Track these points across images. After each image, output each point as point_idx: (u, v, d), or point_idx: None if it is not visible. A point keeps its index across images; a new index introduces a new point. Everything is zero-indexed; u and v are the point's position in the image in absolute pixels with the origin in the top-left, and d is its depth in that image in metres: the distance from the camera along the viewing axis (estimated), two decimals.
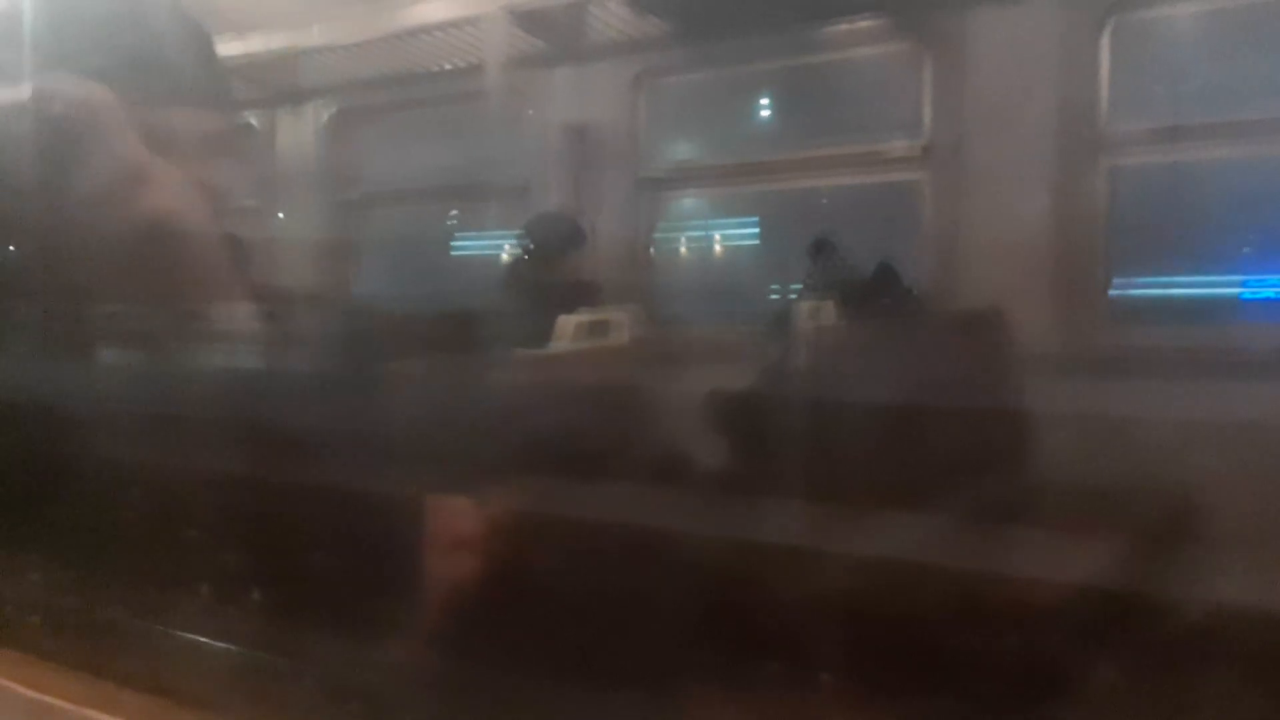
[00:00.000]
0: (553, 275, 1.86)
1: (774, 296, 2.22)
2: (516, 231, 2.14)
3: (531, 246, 1.93)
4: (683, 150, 2.28)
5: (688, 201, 2.35)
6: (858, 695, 0.78)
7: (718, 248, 2.50)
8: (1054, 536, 1.08)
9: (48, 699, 0.87)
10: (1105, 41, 1.86)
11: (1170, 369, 1.58)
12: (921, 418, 1.38)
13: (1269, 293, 1.75)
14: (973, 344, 1.62)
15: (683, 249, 2.45)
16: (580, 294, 1.81)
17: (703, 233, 2.43)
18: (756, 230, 2.37)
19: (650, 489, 1.16)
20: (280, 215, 2.63)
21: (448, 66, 2.43)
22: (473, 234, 2.70)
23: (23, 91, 0.44)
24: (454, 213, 2.68)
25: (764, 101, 2.27)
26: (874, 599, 0.84)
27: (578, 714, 0.76)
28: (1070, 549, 1.00)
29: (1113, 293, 1.83)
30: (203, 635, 0.82)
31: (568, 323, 1.40)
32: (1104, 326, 1.80)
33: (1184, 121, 1.80)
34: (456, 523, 0.84)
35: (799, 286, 2.05)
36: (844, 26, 2.11)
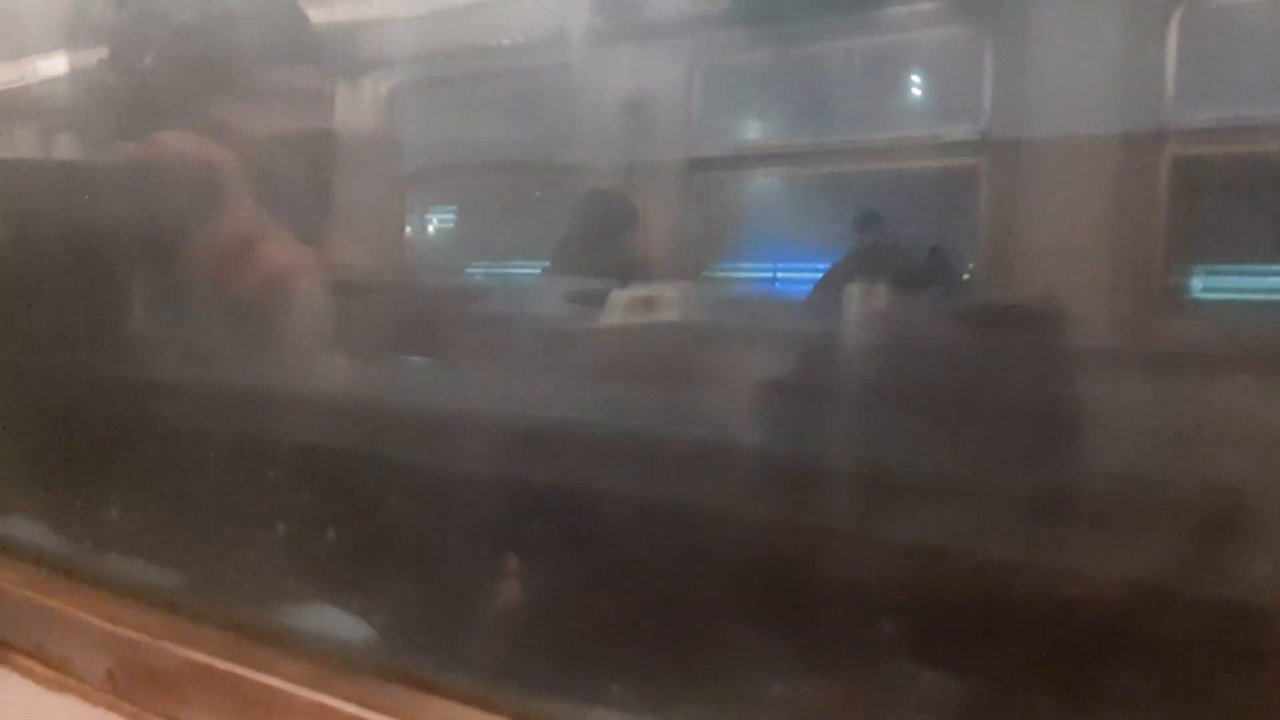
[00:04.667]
0: (603, 255, 1.86)
1: (818, 277, 2.21)
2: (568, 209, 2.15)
3: (582, 225, 1.94)
4: (738, 131, 2.27)
5: (744, 183, 2.35)
6: None
7: (768, 226, 2.49)
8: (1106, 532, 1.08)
9: (128, 633, 0.90)
10: (1174, 28, 1.83)
11: (1233, 365, 1.56)
12: (975, 408, 1.37)
13: None
14: (1029, 335, 1.60)
15: (730, 229, 2.45)
16: (631, 272, 1.81)
17: (751, 214, 2.42)
18: (802, 209, 2.36)
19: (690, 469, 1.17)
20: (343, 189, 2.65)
21: (506, 41, 2.44)
22: (527, 211, 2.72)
23: (148, 149, 0.46)
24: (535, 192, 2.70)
25: (821, 83, 2.25)
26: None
27: None
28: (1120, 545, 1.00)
29: (1173, 285, 1.80)
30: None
31: (619, 298, 1.41)
32: (1165, 320, 1.78)
33: (1254, 112, 1.76)
34: None
35: (839, 264, 2.04)
36: (904, 8, 2.09)
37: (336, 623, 0.73)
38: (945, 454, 1.35)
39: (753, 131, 2.28)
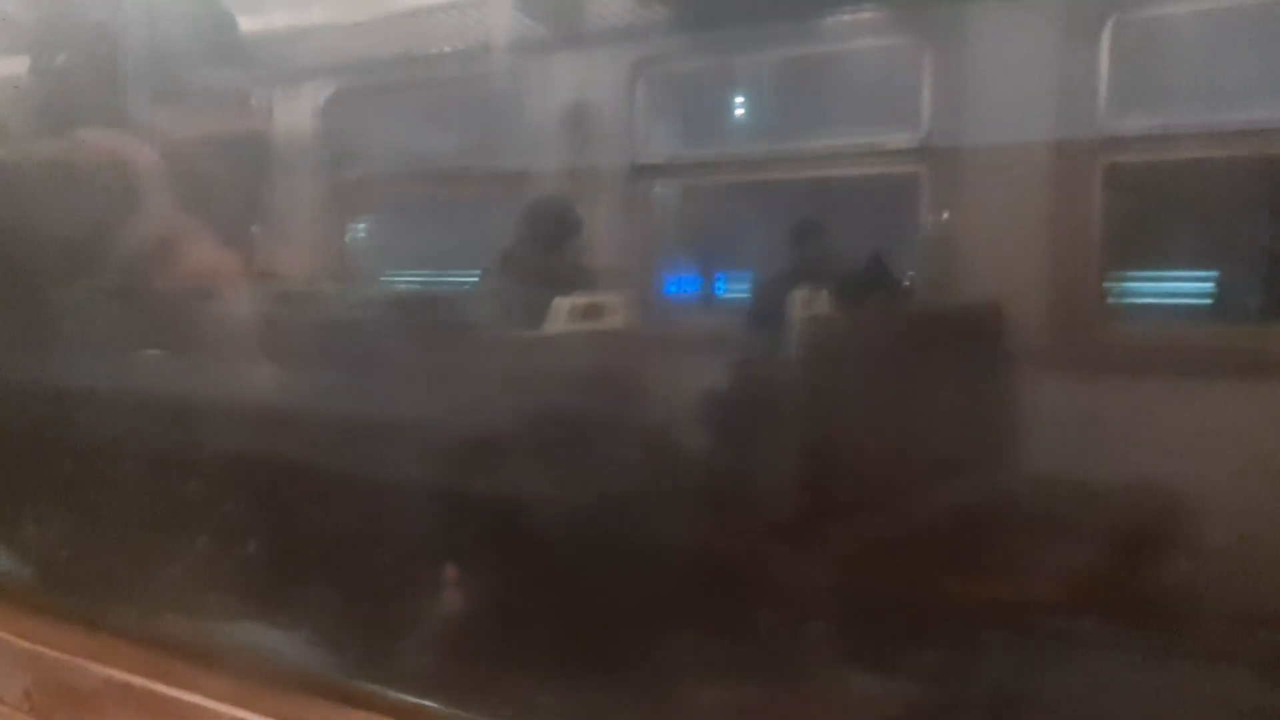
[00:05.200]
0: (548, 261, 1.85)
1: (765, 286, 2.21)
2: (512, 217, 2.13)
3: (526, 232, 1.92)
4: (680, 138, 2.27)
5: (682, 192, 2.34)
6: None
7: (712, 234, 2.49)
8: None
9: (46, 651, 0.86)
10: (1105, 38, 1.86)
11: (1160, 366, 1.58)
12: (921, 409, 1.37)
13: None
14: (970, 337, 1.61)
15: (675, 235, 2.44)
16: (575, 279, 1.80)
17: (695, 220, 2.42)
18: (743, 218, 2.36)
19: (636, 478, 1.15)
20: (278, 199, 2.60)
21: (447, 49, 2.42)
22: (468, 219, 2.69)
23: (66, 146, 0.43)
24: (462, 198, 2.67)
25: (764, 90, 2.26)
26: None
27: None
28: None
29: (1108, 289, 1.82)
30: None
31: (562, 305, 1.39)
32: (1099, 323, 1.80)
33: (1183, 120, 1.80)
34: None
35: (780, 275, 2.04)
36: (845, 17, 2.11)
37: (258, 637, 0.70)
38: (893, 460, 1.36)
39: (694, 139, 2.28)
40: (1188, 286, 1.87)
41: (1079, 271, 1.83)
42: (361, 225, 2.80)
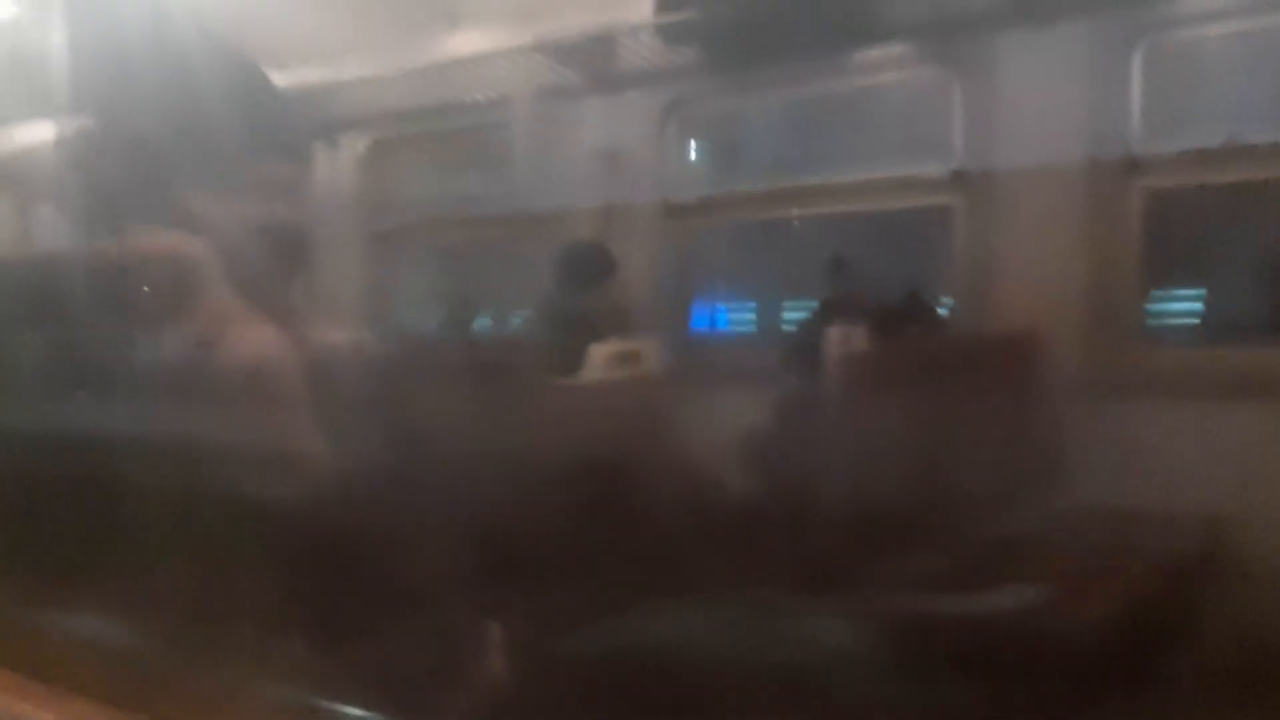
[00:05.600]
0: (584, 303, 1.87)
1: (797, 321, 2.22)
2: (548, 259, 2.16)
3: (562, 275, 1.95)
4: (714, 177, 2.29)
5: (716, 231, 2.36)
6: None
7: (744, 270, 2.51)
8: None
9: None
10: (1136, 64, 1.86)
11: (1204, 391, 1.57)
12: (961, 442, 1.37)
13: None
14: (1008, 368, 1.61)
15: (709, 274, 2.46)
16: (611, 321, 1.82)
17: (727, 260, 2.44)
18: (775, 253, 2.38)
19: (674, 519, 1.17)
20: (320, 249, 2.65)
21: (480, 98, 2.47)
22: (504, 262, 2.73)
23: (121, 244, 0.46)
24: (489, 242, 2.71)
25: (795, 127, 2.28)
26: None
27: None
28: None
29: (1148, 314, 1.81)
30: None
31: (598, 352, 1.41)
32: (1139, 349, 1.79)
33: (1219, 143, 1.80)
34: None
35: (814, 308, 2.05)
36: (873, 53, 2.12)
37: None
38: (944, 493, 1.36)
39: (725, 177, 2.31)
40: (1227, 305, 1.86)
41: (1117, 294, 1.82)
42: (405, 272, 2.85)
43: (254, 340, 0.48)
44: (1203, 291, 1.84)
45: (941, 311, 2.02)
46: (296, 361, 0.49)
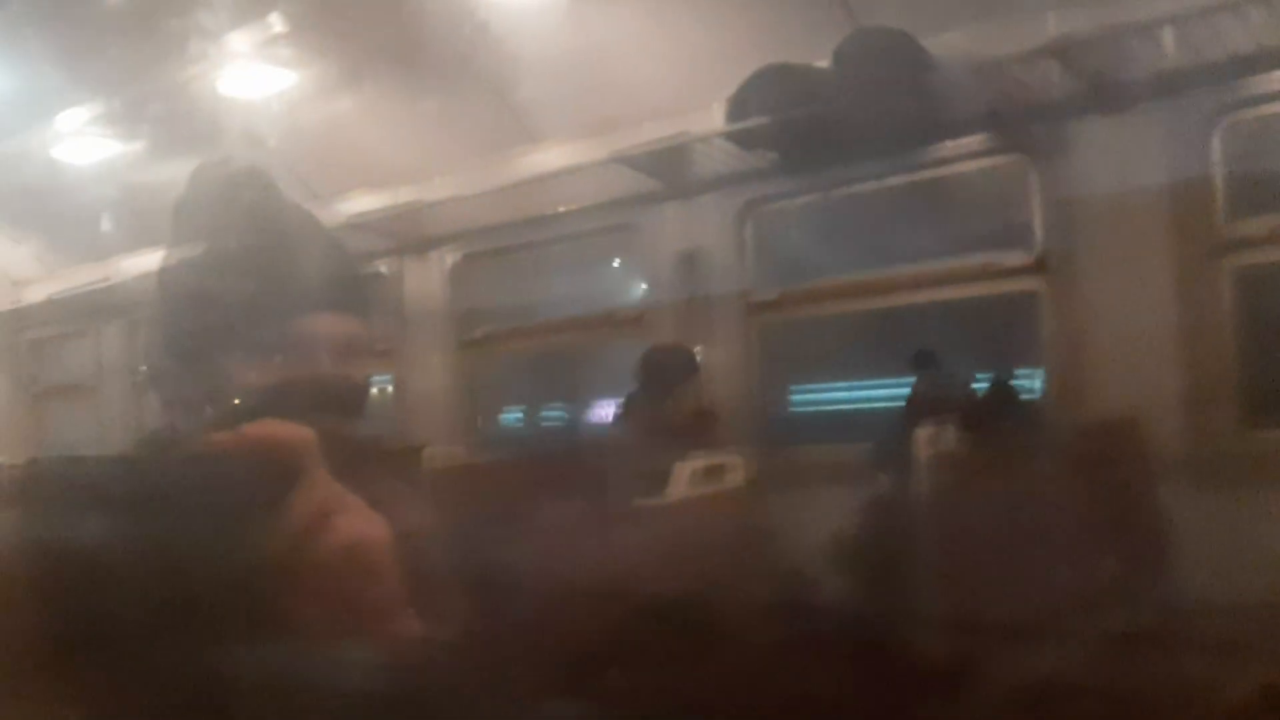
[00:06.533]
0: (668, 407, 1.87)
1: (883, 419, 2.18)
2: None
3: (645, 378, 1.96)
4: (793, 273, 2.30)
5: (799, 323, 2.36)
6: None
7: (828, 367, 2.49)
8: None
9: None
10: (1216, 142, 1.84)
11: None
12: (1063, 540, 1.34)
13: None
14: (1108, 458, 1.56)
15: (793, 372, 2.45)
16: (696, 426, 1.82)
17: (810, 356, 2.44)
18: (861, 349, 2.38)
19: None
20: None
21: (562, 209, 2.54)
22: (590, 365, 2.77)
23: (231, 438, 0.49)
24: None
25: (872, 221, 2.28)
26: None
27: None
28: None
29: (1246, 394, 1.75)
30: None
31: (684, 469, 1.39)
32: (1239, 431, 1.72)
33: None
34: None
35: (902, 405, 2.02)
36: (947, 144, 2.12)
37: None
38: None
39: (807, 272, 2.32)
40: None
41: (1214, 378, 1.76)
42: (491, 378, 2.91)
43: (358, 525, 0.50)
44: None
45: (1028, 399, 1.99)
46: (394, 542, 0.51)
